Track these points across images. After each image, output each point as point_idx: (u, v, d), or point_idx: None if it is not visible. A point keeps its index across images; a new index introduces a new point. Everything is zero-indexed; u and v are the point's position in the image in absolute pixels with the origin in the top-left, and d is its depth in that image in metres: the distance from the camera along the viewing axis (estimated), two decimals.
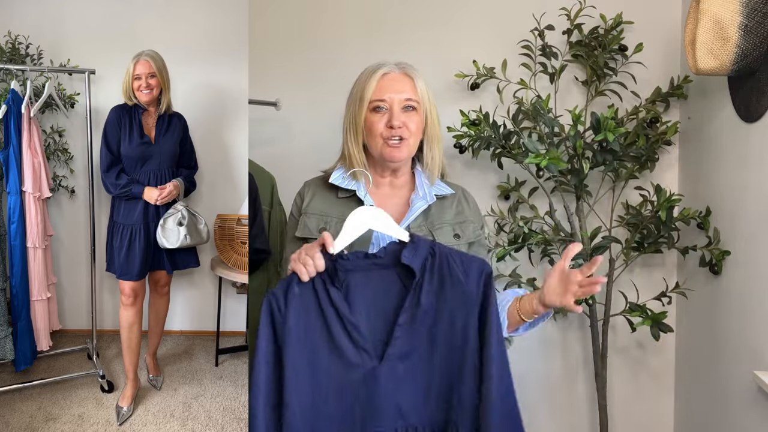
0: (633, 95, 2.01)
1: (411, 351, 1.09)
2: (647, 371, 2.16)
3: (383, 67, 1.26)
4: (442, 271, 1.12)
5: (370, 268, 1.12)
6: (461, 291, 1.11)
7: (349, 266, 1.11)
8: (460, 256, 1.14)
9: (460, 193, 1.36)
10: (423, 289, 1.10)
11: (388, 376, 1.08)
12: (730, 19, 1.50)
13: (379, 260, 1.12)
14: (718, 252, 1.77)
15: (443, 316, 1.10)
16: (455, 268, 1.12)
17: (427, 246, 1.13)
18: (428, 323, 1.10)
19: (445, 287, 1.11)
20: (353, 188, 1.28)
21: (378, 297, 1.11)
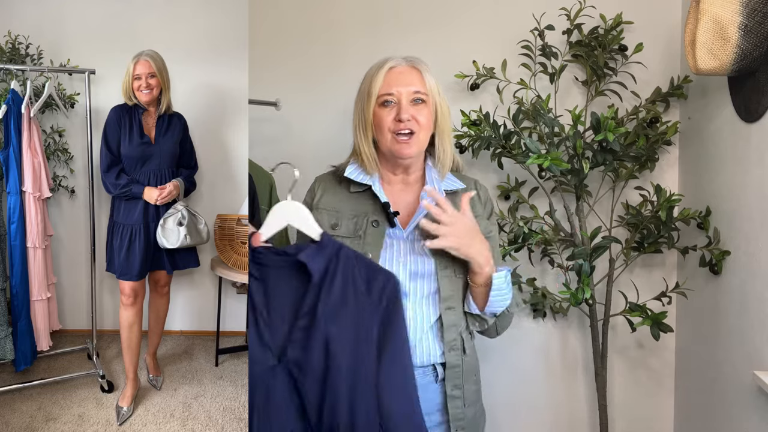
0: (633, 95, 2.01)
1: (307, 360, 1.06)
2: (647, 371, 2.16)
3: (390, 61, 1.25)
4: (346, 276, 1.08)
5: (281, 264, 1.10)
6: (361, 302, 1.07)
7: (263, 260, 1.10)
8: (367, 265, 1.10)
9: (472, 186, 1.35)
10: (321, 293, 1.07)
11: (285, 379, 1.06)
12: (730, 19, 1.50)
13: (289, 258, 1.09)
14: (718, 252, 1.77)
15: (343, 324, 1.06)
16: (358, 278, 1.08)
17: (335, 248, 1.10)
18: (327, 330, 1.06)
19: (346, 295, 1.07)
20: (368, 183, 1.28)
21: (285, 295, 1.09)
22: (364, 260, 1.11)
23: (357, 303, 1.08)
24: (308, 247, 1.09)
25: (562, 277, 2.08)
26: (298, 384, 1.06)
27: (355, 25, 2.21)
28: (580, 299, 1.80)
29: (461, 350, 1.29)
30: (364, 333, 1.07)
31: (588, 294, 1.80)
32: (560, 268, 2.02)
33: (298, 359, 1.06)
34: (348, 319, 1.07)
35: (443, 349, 1.27)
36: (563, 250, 2.06)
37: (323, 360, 1.06)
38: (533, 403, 2.21)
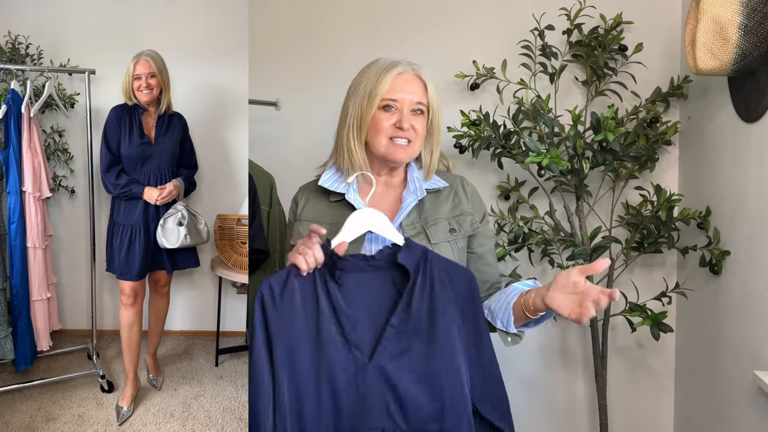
0: (633, 95, 2.01)
1: (401, 353, 1.10)
2: (647, 371, 2.16)
3: (399, 66, 1.23)
4: (433, 276, 1.13)
5: (365, 269, 1.13)
6: (449, 297, 1.12)
7: (347, 266, 1.13)
8: (447, 264, 1.15)
9: (457, 184, 1.33)
10: (415, 292, 1.11)
11: (377, 376, 1.08)
12: (730, 19, 1.50)
13: (375, 262, 1.14)
14: (718, 252, 1.77)
15: (433, 320, 1.11)
16: (443, 276, 1.13)
17: (420, 250, 1.15)
18: (419, 326, 1.10)
19: (435, 292, 1.12)
20: (342, 191, 1.27)
21: (372, 297, 1.13)
22: (444, 259, 1.16)
23: (447, 299, 1.12)
24: (401, 250, 1.14)
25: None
26: (393, 380, 1.09)
27: (355, 25, 2.21)
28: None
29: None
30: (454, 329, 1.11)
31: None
32: (560, 268, 2.02)
33: (394, 355, 1.09)
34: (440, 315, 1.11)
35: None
36: (563, 250, 2.06)
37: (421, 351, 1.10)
38: (533, 403, 2.21)
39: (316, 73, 2.23)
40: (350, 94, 1.27)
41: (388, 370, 1.09)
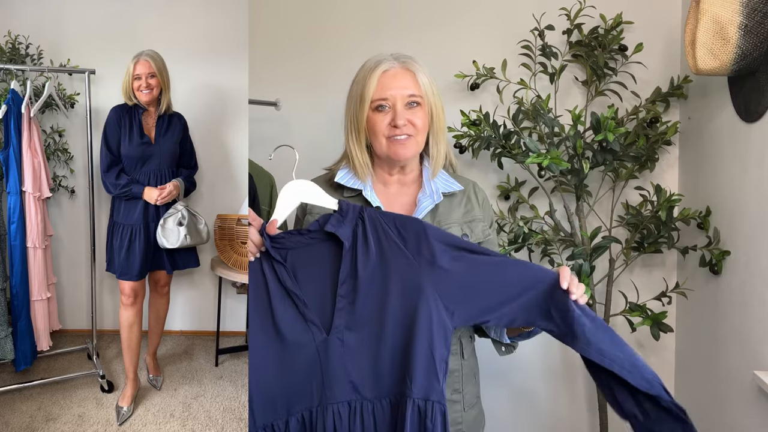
0: (633, 95, 2.01)
1: (358, 322, 1.07)
2: None
3: (383, 64, 1.22)
4: (378, 235, 1.09)
5: (308, 243, 1.11)
6: (400, 253, 1.08)
7: (288, 244, 1.11)
8: (394, 219, 1.11)
9: (470, 189, 1.33)
10: (358, 257, 1.08)
11: (337, 349, 1.07)
12: (730, 19, 1.50)
13: (314, 234, 1.11)
14: (718, 252, 1.77)
15: (389, 283, 1.07)
16: (390, 232, 1.09)
17: (356, 212, 1.11)
18: (373, 293, 1.07)
19: (383, 252, 1.08)
20: (359, 188, 1.26)
21: (319, 271, 1.10)
22: (388, 214, 1.12)
23: (396, 255, 1.08)
24: (331, 217, 1.10)
25: None
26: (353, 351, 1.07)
27: (356, 25, 2.21)
28: None
29: (460, 355, 1.29)
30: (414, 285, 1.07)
31: (588, 294, 1.79)
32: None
33: (349, 324, 1.07)
34: (393, 273, 1.07)
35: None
36: (563, 250, 2.06)
37: (377, 316, 1.07)
38: (533, 404, 2.21)
39: (316, 72, 2.23)
40: (347, 100, 1.27)
41: (347, 341, 1.07)
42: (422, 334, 1.05)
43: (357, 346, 1.07)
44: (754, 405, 1.60)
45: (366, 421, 1.07)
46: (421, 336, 1.05)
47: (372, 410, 1.08)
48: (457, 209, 1.28)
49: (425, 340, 1.05)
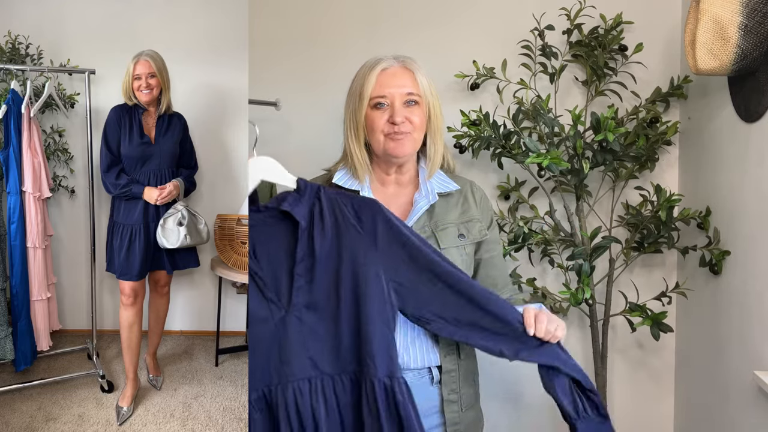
0: (633, 95, 2.01)
1: (316, 300, 1.08)
2: (647, 371, 2.16)
3: (382, 62, 1.23)
4: (334, 215, 1.11)
5: (266, 221, 1.12)
6: (356, 234, 1.09)
7: (250, 221, 1.12)
8: (351, 200, 1.13)
9: (467, 188, 1.33)
10: (315, 238, 1.09)
11: (297, 327, 1.08)
12: (730, 19, 1.50)
13: (271, 212, 1.12)
14: (718, 252, 1.77)
15: (344, 262, 1.09)
16: (347, 213, 1.11)
17: (314, 190, 1.12)
18: (330, 272, 1.09)
19: (340, 233, 1.10)
20: (357, 188, 1.26)
21: (277, 248, 1.11)
22: (346, 195, 1.14)
23: (352, 236, 1.10)
24: (288, 195, 1.11)
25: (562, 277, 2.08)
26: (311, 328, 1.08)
27: (355, 25, 2.21)
28: (580, 299, 1.80)
29: (457, 355, 1.29)
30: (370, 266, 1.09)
31: (588, 294, 1.80)
32: (560, 268, 2.02)
33: (308, 302, 1.08)
34: (348, 253, 1.09)
35: (439, 353, 1.26)
36: (563, 250, 2.06)
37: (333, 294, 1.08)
38: (533, 404, 2.21)
39: (316, 72, 2.23)
40: (347, 99, 1.29)
41: (304, 318, 1.08)
42: (376, 313, 1.08)
43: (315, 324, 1.08)
44: (754, 405, 1.60)
45: (328, 398, 1.09)
46: (375, 315, 1.07)
47: (333, 387, 1.09)
48: (453, 210, 1.29)
49: (380, 319, 1.07)
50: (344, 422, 1.09)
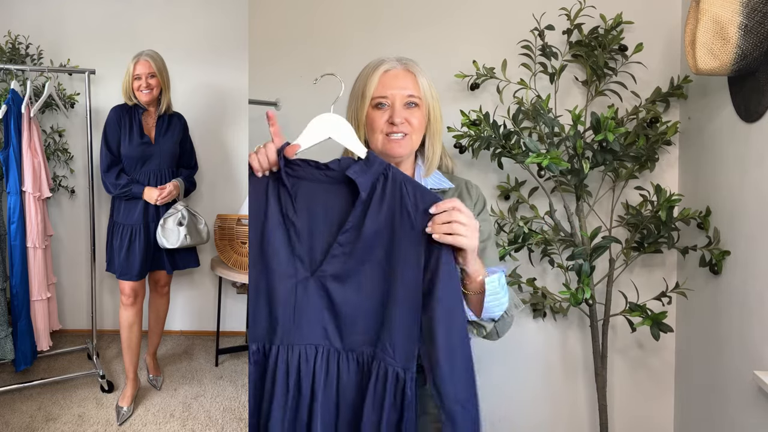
0: (633, 95, 2.01)
1: (346, 273, 1.05)
2: (647, 371, 2.16)
3: (385, 64, 1.26)
4: (394, 197, 1.06)
5: (321, 179, 1.08)
6: (408, 223, 1.04)
7: (301, 173, 1.08)
8: (415, 187, 1.07)
9: (462, 186, 1.34)
10: (369, 211, 1.05)
11: (317, 292, 1.05)
12: (730, 19, 1.50)
13: (332, 173, 1.08)
14: (718, 252, 1.77)
15: (386, 244, 1.04)
16: (406, 199, 1.06)
17: (382, 167, 1.07)
18: (369, 248, 1.04)
19: (394, 215, 1.05)
20: None
21: (324, 210, 1.07)
22: (413, 181, 1.08)
23: (405, 223, 1.04)
24: (356, 163, 1.07)
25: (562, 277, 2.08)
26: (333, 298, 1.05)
27: (355, 24, 2.21)
28: (580, 299, 1.80)
29: None
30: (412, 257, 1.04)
31: (588, 294, 1.80)
32: (560, 268, 2.02)
33: (338, 273, 1.05)
34: (396, 238, 1.04)
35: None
36: (563, 250, 2.06)
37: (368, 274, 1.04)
38: (533, 404, 2.21)
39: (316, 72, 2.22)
40: (349, 98, 1.31)
41: (329, 288, 1.05)
42: (411, 306, 1.03)
43: (338, 296, 1.05)
44: (754, 405, 1.60)
45: (331, 371, 1.06)
46: (410, 307, 1.03)
47: (337, 362, 1.07)
48: None
49: (412, 312, 1.03)
50: (339, 400, 1.06)
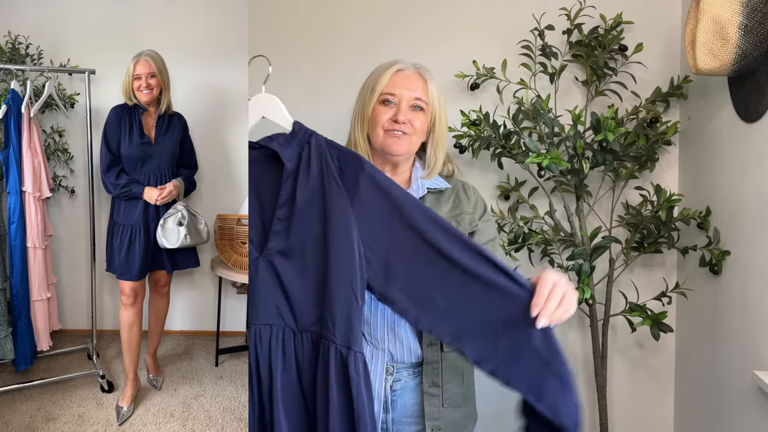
0: (633, 95, 2.01)
1: (291, 249, 1.04)
2: (647, 371, 2.16)
3: (399, 64, 1.28)
4: (320, 163, 1.05)
5: (260, 159, 1.09)
6: (337, 189, 1.03)
7: (251, 157, 1.09)
8: (339, 150, 1.07)
9: (459, 186, 1.35)
10: (299, 182, 1.04)
11: (267, 272, 1.04)
12: (730, 19, 1.50)
13: (265, 150, 1.08)
14: (718, 252, 1.77)
15: (321, 215, 1.03)
16: (332, 165, 1.05)
17: (306, 135, 1.07)
18: (306, 221, 1.03)
19: (323, 182, 1.04)
20: None
21: (265, 189, 1.08)
22: (336, 145, 1.08)
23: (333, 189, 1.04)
24: (280, 135, 1.07)
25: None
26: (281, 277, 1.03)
27: (356, 24, 2.21)
28: (580, 299, 1.80)
29: (439, 346, 1.26)
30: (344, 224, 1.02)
31: (588, 294, 1.80)
32: (560, 268, 2.02)
33: (283, 249, 1.04)
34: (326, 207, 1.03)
35: (422, 343, 1.26)
36: (563, 250, 2.06)
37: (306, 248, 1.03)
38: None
39: (316, 72, 2.23)
40: (359, 92, 1.32)
41: (277, 265, 1.04)
42: (344, 276, 1.01)
43: (286, 274, 1.04)
44: (754, 405, 1.60)
45: (287, 352, 1.05)
46: (343, 278, 1.01)
47: (293, 341, 1.05)
48: (444, 205, 1.31)
49: (347, 283, 1.01)
50: (302, 379, 1.04)
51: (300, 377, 1.05)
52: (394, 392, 1.26)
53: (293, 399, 1.04)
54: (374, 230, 1.03)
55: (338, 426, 1.01)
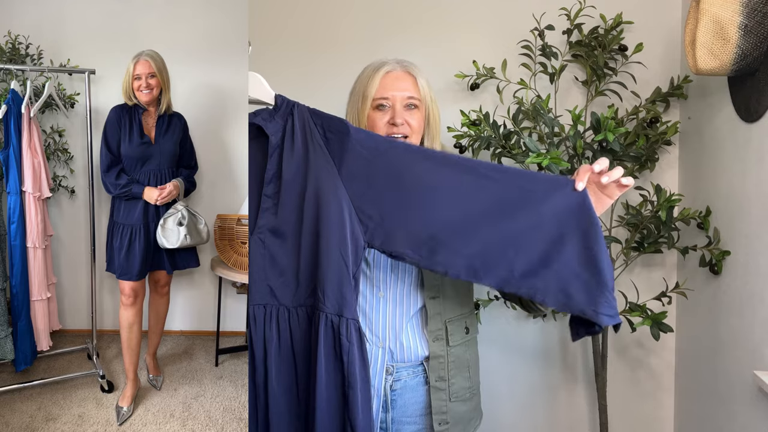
0: (633, 95, 2.01)
1: (281, 225, 1.03)
2: (647, 371, 2.16)
3: (386, 66, 1.28)
4: (304, 134, 1.04)
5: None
6: (323, 157, 1.02)
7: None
8: (322, 118, 1.05)
9: None
10: (284, 156, 1.03)
11: (258, 250, 1.04)
12: (730, 19, 1.50)
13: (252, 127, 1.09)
14: (718, 252, 1.77)
15: (309, 186, 1.02)
16: (316, 133, 1.04)
17: (289, 108, 1.06)
18: (294, 193, 1.02)
19: (308, 152, 1.03)
20: None
21: (255, 166, 1.07)
22: (318, 113, 1.07)
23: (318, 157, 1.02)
24: (264, 110, 1.06)
25: None
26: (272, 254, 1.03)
27: (355, 24, 2.21)
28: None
29: (445, 341, 1.27)
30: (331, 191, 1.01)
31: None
32: None
33: (273, 227, 1.03)
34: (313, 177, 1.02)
35: (427, 340, 1.26)
36: None
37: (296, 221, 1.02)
38: (533, 404, 2.21)
39: (316, 72, 2.23)
40: (349, 97, 1.32)
41: (267, 243, 1.03)
42: (334, 245, 1.00)
43: (277, 250, 1.03)
44: (754, 405, 1.60)
45: (282, 327, 1.04)
46: (333, 247, 1.00)
47: (288, 317, 1.04)
48: None
49: (337, 251, 1.00)
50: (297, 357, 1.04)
51: (294, 353, 1.04)
52: (393, 392, 1.26)
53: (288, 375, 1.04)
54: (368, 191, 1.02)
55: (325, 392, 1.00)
